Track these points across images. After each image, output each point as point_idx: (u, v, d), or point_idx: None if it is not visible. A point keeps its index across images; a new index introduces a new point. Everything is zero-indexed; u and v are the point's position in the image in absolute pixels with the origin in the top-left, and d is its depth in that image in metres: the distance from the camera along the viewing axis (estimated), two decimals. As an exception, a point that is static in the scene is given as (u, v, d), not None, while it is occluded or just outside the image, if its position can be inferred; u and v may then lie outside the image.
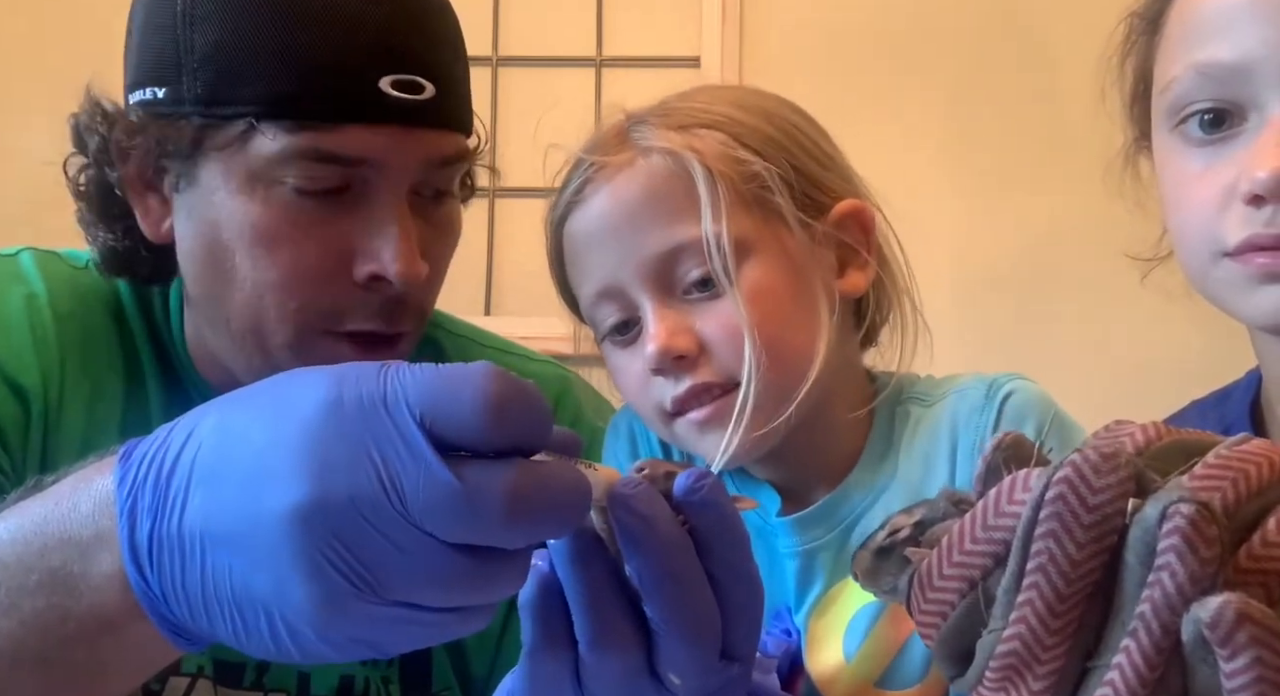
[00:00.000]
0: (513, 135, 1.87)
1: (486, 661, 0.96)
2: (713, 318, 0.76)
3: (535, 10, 2.04)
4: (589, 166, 0.79)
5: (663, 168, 0.77)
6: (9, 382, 0.84)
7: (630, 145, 0.79)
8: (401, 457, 0.44)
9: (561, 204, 0.81)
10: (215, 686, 0.88)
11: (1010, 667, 0.40)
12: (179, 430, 0.49)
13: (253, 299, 0.82)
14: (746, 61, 1.98)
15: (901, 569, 0.45)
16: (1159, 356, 1.82)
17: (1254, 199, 0.71)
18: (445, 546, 0.45)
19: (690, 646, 0.52)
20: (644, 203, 0.77)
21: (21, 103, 1.97)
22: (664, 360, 0.76)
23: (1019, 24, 1.99)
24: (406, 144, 0.81)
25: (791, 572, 0.79)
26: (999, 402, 0.77)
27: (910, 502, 0.76)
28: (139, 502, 0.48)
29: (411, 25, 0.81)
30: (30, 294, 0.88)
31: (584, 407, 1.02)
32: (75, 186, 0.91)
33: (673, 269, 0.76)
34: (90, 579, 0.50)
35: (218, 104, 0.80)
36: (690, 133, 0.78)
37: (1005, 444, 0.44)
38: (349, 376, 0.47)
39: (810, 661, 0.78)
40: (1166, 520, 0.38)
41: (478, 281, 2.00)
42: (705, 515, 0.51)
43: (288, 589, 0.45)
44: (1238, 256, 0.73)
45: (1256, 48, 0.72)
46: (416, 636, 0.48)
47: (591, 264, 0.79)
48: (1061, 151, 1.89)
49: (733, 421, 0.74)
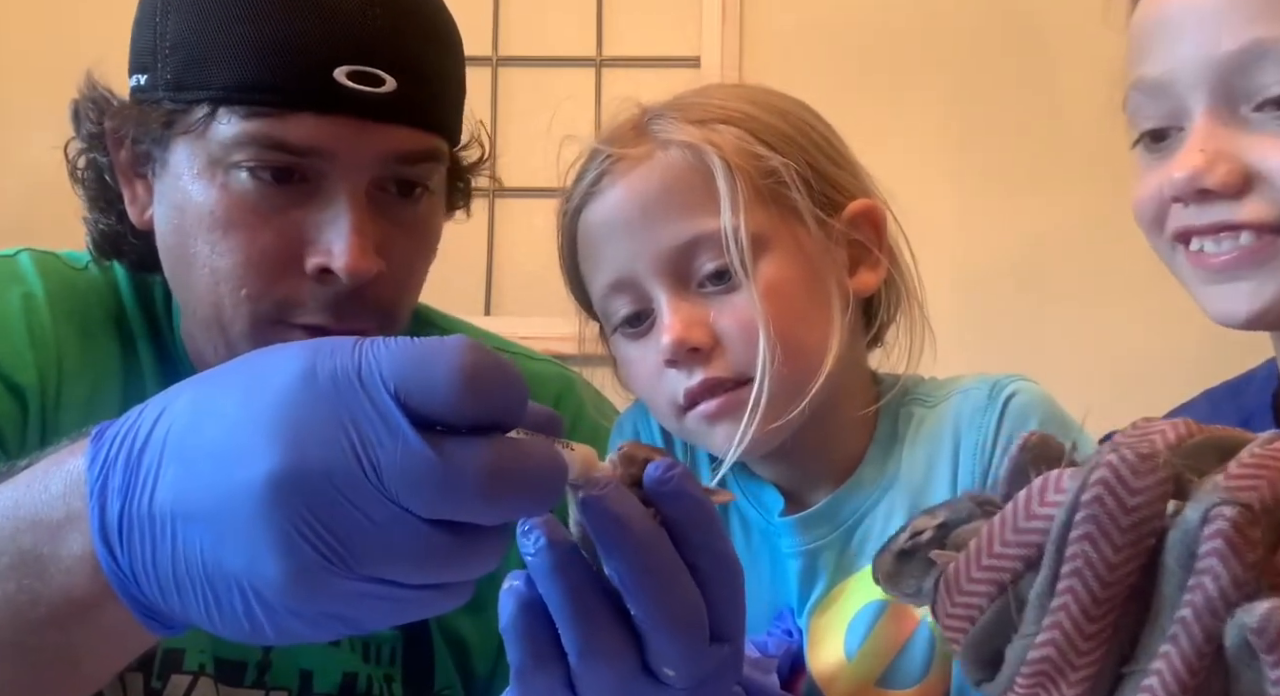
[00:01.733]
0: (513, 135, 1.87)
1: (489, 659, 0.96)
2: (728, 311, 0.76)
3: (535, 10, 2.04)
4: (606, 158, 0.79)
5: (681, 161, 0.77)
6: (6, 381, 0.84)
7: (648, 138, 0.79)
8: (376, 430, 0.44)
9: (577, 195, 0.81)
10: (217, 684, 0.88)
11: (1043, 674, 0.39)
12: (151, 408, 0.49)
13: (210, 285, 0.82)
14: (746, 61, 1.98)
15: (925, 571, 0.44)
16: (1158, 356, 1.82)
17: (1175, 199, 0.78)
18: (419, 521, 0.44)
19: (680, 638, 0.52)
20: (662, 195, 0.77)
21: (21, 113, 1.98)
22: (678, 351, 0.76)
23: (1019, 24, 1.99)
24: (360, 137, 0.80)
25: (794, 572, 0.80)
26: (1002, 403, 0.77)
27: (912, 502, 0.77)
28: (110, 481, 0.48)
29: (383, 18, 0.80)
30: (28, 293, 0.88)
31: (586, 406, 1.02)
32: (73, 170, 0.92)
33: (689, 261, 0.76)
34: (61, 560, 0.50)
35: (184, 89, 0.80)
36: (709, 127, 0.78)
37: (1031, 443, 0.43)
38: (323, 349, 0.46)
39: (811, 660, 0.78)
40: (1208, 522, 0.37)
41: (478, 281, 2.00)
42: (677, 505, 0.51)
43: (259, 562, 0.45)
44: (1184, 249, 0.80)
45: (1175, 62, 0.78)
46: (389, 612, 0.47)
47: (607, 255, 0.79)
48: (1061, 151, 1.90)
49: (745, 415, 0.74)
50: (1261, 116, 0.75)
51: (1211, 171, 0.75)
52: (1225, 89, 0.76)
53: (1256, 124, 0.75)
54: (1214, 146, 0.76)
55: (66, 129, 0.91)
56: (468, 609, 0.93)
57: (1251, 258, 0.76)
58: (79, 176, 0.92)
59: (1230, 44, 0.75)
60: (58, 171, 0.94)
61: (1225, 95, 0.76)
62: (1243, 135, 0.76)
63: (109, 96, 0.87)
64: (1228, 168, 0.75)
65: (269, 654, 0.90)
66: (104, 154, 0.88)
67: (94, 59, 0.89)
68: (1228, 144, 0.76)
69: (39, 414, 0.85)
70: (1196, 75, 0.77)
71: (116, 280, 0.94)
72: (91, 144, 0.89)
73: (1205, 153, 0.76)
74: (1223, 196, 0.76)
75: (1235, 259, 0.77)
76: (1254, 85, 0.75)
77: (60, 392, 0.86)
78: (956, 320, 1.88)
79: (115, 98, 0.87)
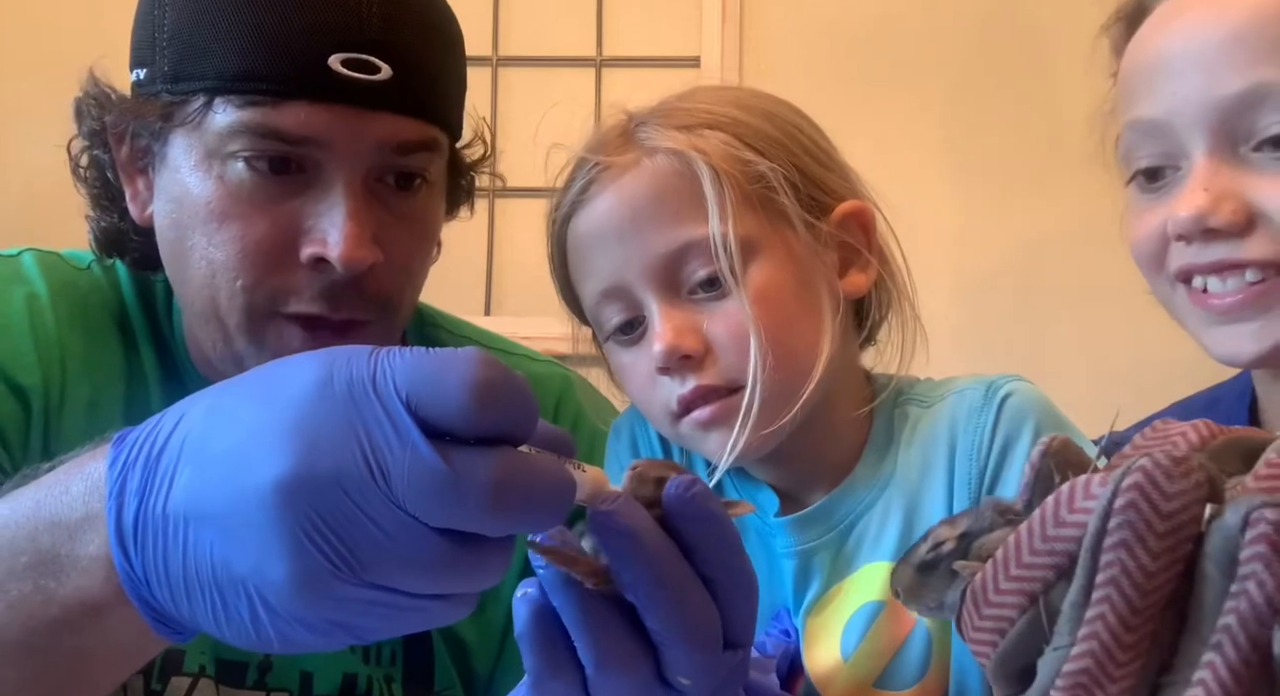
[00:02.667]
0: (513, 135, 1.87)
1: (489, 660, 0.96)
2: (719, 318, 0.76)
3: (535, 10, 2.04)
4: (593, 166, 0.79)
5: (668, 168, 0.77)
6: (9, 382, 0.84)
7: (635, 145, 0.79)
8: (388, 438, 0.44)
9: (565, 204, 0.81)
10: (217, 686, 0.88)
11: (1080, 686, 0.38)
12: (171, 414, 0.49)
13: (207, 277, 0.82)
14: (746, 61, 1.98)
15: (947, 584, 0.43)
16: (1155, 357, 1.82)
17: (1179, 238, 0.79)
18: (427, 530, 0.45)
19: (695, 649, 0.52)
20: (650, 203, 0.77)
21: (21, 113, 1.98)
22: (671, 359, 0.76)
23: (1019, 24, 2.00)
24: (356, 125, 0.79)
25: (789, 572, 0.80)
26: (998, 404, 0.77)
27: (908, 503, 0.78)
28: (128, 483, 0.48)
29: (378, 6, 0.80)
30: (31, 294, 0.88)
31: (585, 408, 1.02)
32: (75, 168, 0.92)
33: (679, 268, 0.76)
34: (77, 560, 0.50)
35: (181, 80, 0.80)
36: (695, 133, 0.78)
37: (1053, 448, 0.42)
38: (340, 357, 0.47)
39: (808, 660, 0.78)
40: (1250, 527, 0.35)
41: (478, 281, 2.00)
42: (698, 524, 0.51)
43: (267, 566, 0.45)
44: (1185, 288, 0.81)
45: (1173, 102, 0.79)
46: (395, 622, 0.47)
47: (596, 264, 0.79)
48: (1061, 151, 1.90)
49: (738, 421, 0.74)
50: (1261, 156, 0.76)
51: (1217, 211, 0.76)
52: (1225, 130, 0.77)
53: (1257, 163, 0.77)
54: (1217, 186, 0.77)
55: (66, 129, 0.91)
56: (468, 609, 0.94)
57: (1257, 299, 0.77)
58: (81, 174, 0.92)
59: (1232, 86, 0.76)
60: (56, 172, 0.94)
61: (1226, 136, 0.77)
62: (1244, 175, 0.77)
63: (110, 93, 0.88)
64: (1232, 206, 0.76)
65: (270, 655, 0.90)
66: (106, 151, 0.88)
67: (94, 59, 0.89)
68: (1230, 183, 0.77)
69: (42, 414, 0.85)
70: (1196, 116, 0.78)
71: (119, 280, 0.94)
72: (94, 141, 0.89)
73: (1209, 192, 0.77)
74: (1227, 235, 0.77)
75: (1240, 301, 0.78)
76: (1254, 126, 0.76)
77: (64, 393, 0.86)
78: (953, 320, 1.88)
79: (117, 94, 0.87)
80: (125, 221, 0.90)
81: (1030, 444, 0.76)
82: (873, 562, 0.78)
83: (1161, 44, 0.81)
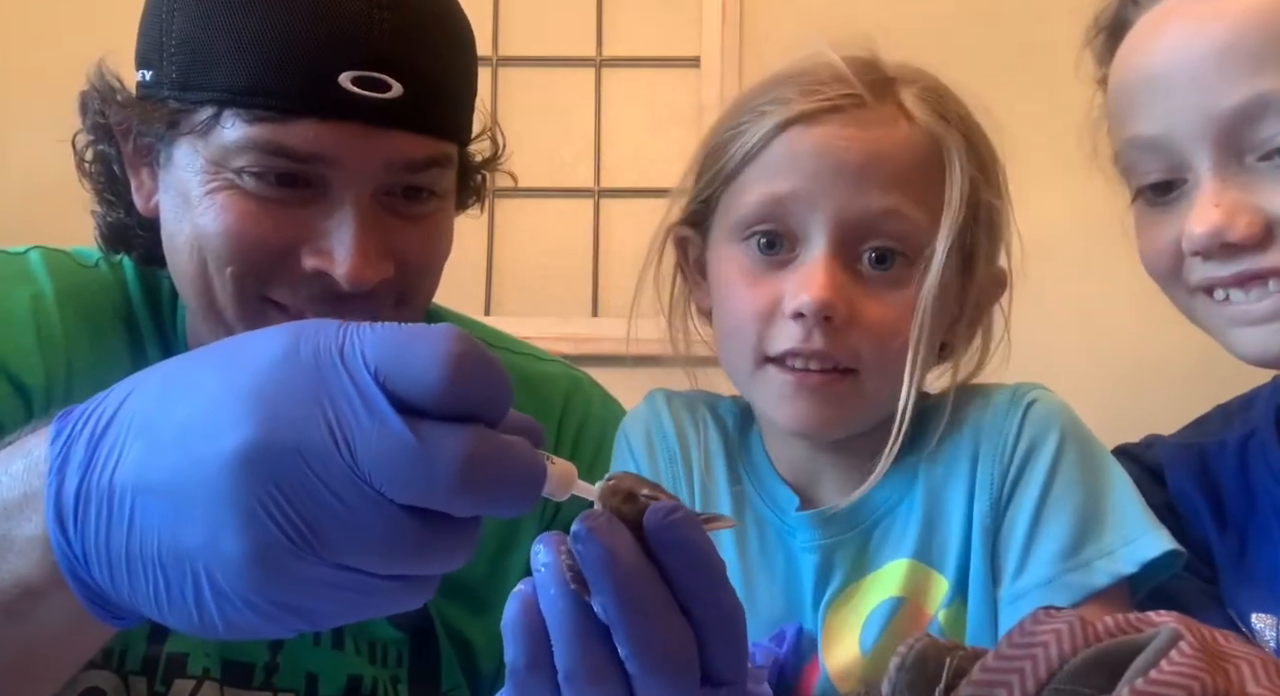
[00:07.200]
0: (513, 135, 1.87)
1: (495, 660, 0.95)
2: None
3: (535, 10, 2.03)
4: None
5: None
6: (13, 382, 0.84)
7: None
8: (355, 409, 0.43)
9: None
10: (222, 688, 0.87)
11: None
12: (120, 387, 0.48)
13: (199, 266, 0.81)
14: (746, 61, 1.98)
15: None
16: (1157, 356, 1.82)
17: (1196, 254, 0.79)
18: (392, 506, 0.43)
19: (664, 678, 0.49)
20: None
21: (22, 113, 1.97)
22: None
23: (1019, 24, 2.00)
24: (366, 143, 0.78)
25: (810, 567, 0.80)
26: (1023, 410, 0.79)
27: (930, 504, 0.77)
28: (71, 458, 0.46)
29: (390, 22, 0.79)
30: (37, 293, 0.88)
31: (593, 407, 1.02)
32: (80, 163, 0.91)
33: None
34: (15, 542, 0.49)
35: (189, 89, 0.79)
36: None
37: (909, 662, 0.41)
38: (308, 328, 0.45)
39: (826, 655, 0.78)
40: None
41: (478, 281, 1.99)
42: (676, 552, 0.49)
43: (220, 540, 0.43)
44: (1204, 296, 0.81)
45: (1171, 118, 0.78)
46: (352, 605, 0.46)
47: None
48: (1060, 151, 1.90)
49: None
50: (1269, 165, 0.76)
51: (1233, 226, 0.76)
52: (1229, 142, 0.76)
53: (1266, 173, 0.76)
54: (1229, 200, 0.76)
55: (66, 129, 0.91)
56: (473, 610, 0.94)
57: None
58: (86, 169, 0.91)
59: (1229, 99, 0.75)
60: (57, 168, 0.94)
61: (1229, 148, 0.77)
62: (1254, 185, 0.76)
63: (116, 88, 0.87)
64: (1248, 219, 0.76)
65: (276, 656, 0.89)
66: (111, 145, 0.88)
67: (94, 59, 0.89)
68: (1241, 196, 0.76)
69: (45, 415, 0.84)
70: (1197, 130, 0.77)
71: (125, 278, 0.93)
72: (99, 134, 0.89)
73: (1221, 207, 0.76)
74: (1246, 248, 0.76)
75: (1271, 307, 0.77)
76: (1259, 137, 0.75)
77: (69, 395, 0.85)
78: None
79: (122, 91, 0.86)
80: (131, 216, 0.89)
81: (1053, 451, 0.77)
82: (894, 560, 0.79)
83: (1149, 61, 0.80)
